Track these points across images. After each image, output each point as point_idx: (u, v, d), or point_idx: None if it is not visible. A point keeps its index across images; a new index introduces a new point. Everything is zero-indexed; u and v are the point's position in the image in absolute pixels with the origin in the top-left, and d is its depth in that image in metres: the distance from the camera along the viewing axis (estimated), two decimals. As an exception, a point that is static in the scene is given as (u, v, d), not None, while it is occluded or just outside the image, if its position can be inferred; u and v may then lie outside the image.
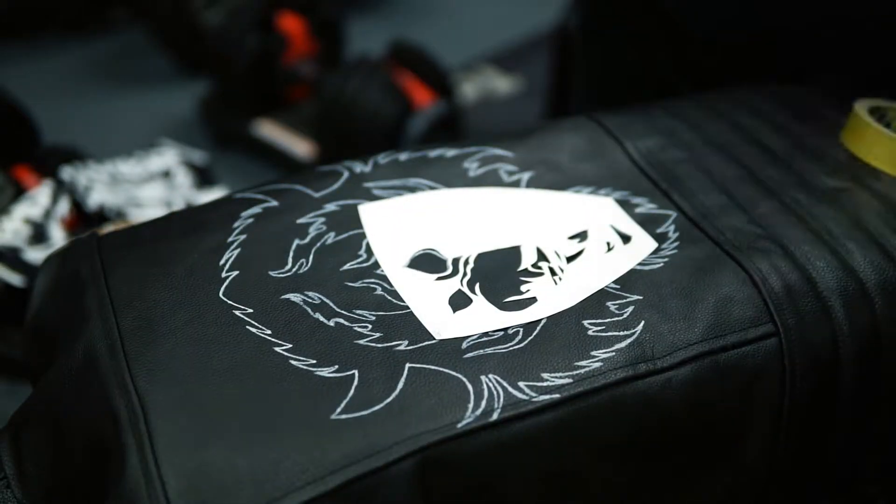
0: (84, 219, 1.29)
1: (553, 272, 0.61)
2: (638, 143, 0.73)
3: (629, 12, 0.95)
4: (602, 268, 0.61)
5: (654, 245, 0.63)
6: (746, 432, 0.56)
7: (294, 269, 0.61)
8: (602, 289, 0.59)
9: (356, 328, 0.57)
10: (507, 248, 0.63)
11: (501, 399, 0.51)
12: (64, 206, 1.25)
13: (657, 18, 0.91)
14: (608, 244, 0.62)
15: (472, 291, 0.60)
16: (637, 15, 0.94)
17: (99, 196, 1.30)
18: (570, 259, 0.61)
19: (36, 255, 1.19)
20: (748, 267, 0.60)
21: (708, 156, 0.71)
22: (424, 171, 0.70)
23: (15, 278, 1.18)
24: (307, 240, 0.64)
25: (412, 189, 0.69)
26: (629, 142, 0.73)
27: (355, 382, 0.52)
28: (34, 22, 1.99)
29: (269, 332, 0.56)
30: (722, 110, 0.77)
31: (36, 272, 1.16)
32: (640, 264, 0.61)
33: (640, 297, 0.58)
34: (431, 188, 0.69)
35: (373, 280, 0.60)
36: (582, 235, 0.64)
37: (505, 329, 0.56)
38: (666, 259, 0.61)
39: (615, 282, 0.60)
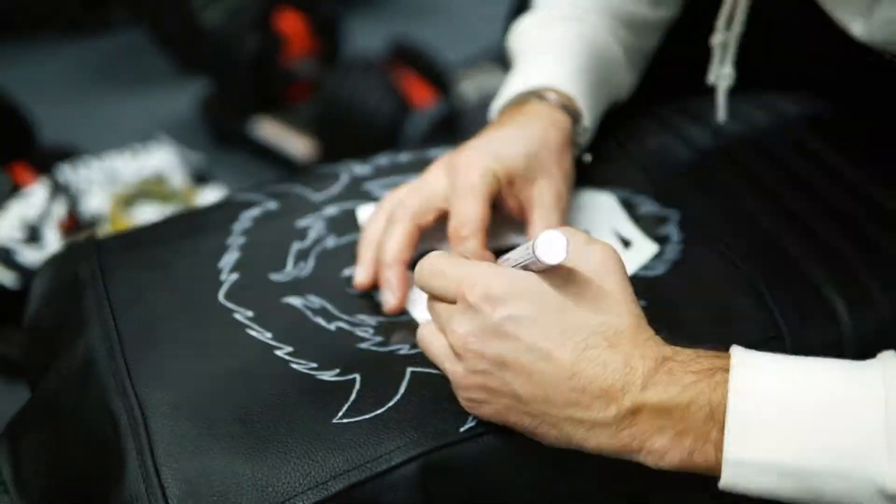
0: (80, 222, 1.29)
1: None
2: (640, 143, 0.73)
3: None
4: None
5: (655, 248, 0.62)
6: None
7: (294, 273, 0.61)
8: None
9: (358, 332, 0.56)
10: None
11: (503, 402, 0.51)
12: (60, 210, 1.25)
13: None
14: None
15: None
16: None
17: (95, 202, 1.30)
18: None
19: (29, 256, 1.19)
20: (750, 270, 0.59)
21: (709, 156, 0.71)
22: (425, 173, 0.70)
23: (8, 277, 1.18)
24: (307, 242, 0.63)
25: (413, 191, 0.68)
26: (631, 141, 0.73)
27: (357, 386, 0.52)
28: (34, 22, 1.99)
29: (269, 335, 0.56)
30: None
31: (29, 272, 1.16)
32: (642, 269, 0.61)
33: (644, 304, 0.57)
34: (432, 190, 0.68)
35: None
36: None
37: (506, 332, 0.56)
38: (668, 263, 0.61)
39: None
